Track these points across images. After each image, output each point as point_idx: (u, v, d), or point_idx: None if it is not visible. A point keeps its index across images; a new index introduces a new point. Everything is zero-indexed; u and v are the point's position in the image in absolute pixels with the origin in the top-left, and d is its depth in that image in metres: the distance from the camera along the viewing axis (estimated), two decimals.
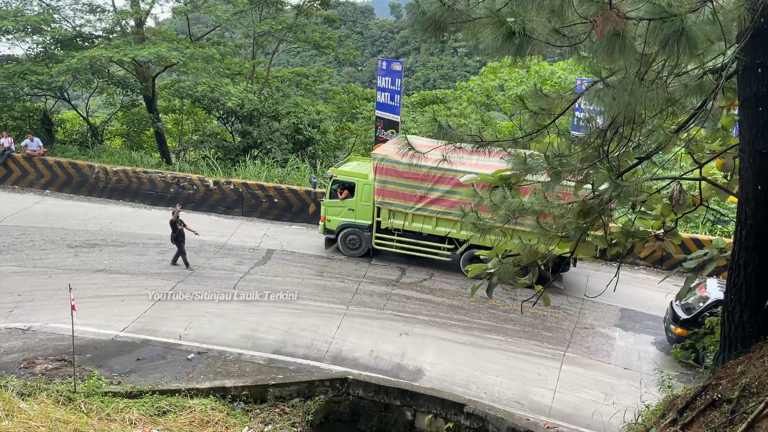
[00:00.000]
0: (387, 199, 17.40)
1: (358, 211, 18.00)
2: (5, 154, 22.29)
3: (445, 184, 16.80)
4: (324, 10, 30.08)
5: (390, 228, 17.72)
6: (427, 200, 17.03)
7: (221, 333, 13.51)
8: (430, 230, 17.41)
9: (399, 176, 17.08)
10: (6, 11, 24.82)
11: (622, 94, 4.86)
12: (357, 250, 18.32)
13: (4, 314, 13.43)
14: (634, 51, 4.48)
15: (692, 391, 6.77)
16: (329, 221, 18.30)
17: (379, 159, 17.23)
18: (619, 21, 4.26)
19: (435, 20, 4.68)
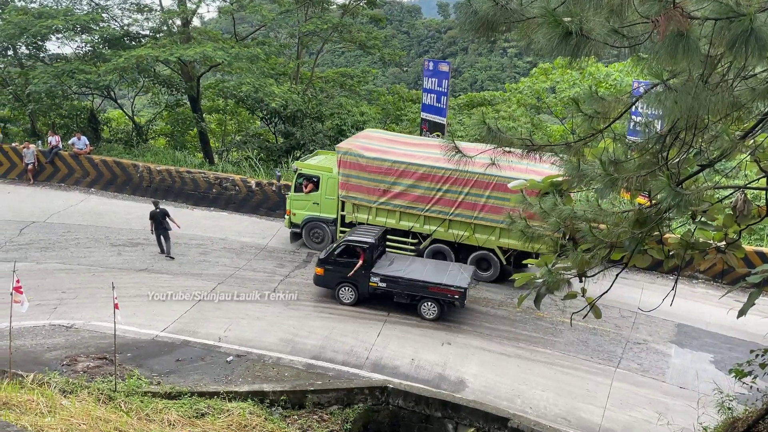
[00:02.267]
0: (351, 192, 17.81)
1: (323, 205, 18.47)
2: (53, 152, 23.19)
3: (407, 178, 17.17)
4: (370, 10, 30.30)
5: (354, 222, 18.03)
6: (390, 194, 17.42)
7: (261, 336, 13.71)
8: (393, 224, 17.76)
9: (362, 170, 17.47)
10: (56, 10, 25.86)
11: (684, 97, 4.75)
12: (322, 243, 18.66)
13: (48, 311, 13.96)
14: (698, 52, 4.37)
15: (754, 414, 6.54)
16: (294, 215, 18.81)
17: (342, 152, 17.66)
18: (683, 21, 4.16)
19: (487, 20, 4.66)
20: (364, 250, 15.42)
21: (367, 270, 15.37)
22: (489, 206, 16.72)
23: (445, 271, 15.66)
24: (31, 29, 24.35)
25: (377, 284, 15.33)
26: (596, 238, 6.73)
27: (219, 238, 19.17)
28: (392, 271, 15.48)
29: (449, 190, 16.94)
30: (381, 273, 15.40)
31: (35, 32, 24.61)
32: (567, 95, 28.96)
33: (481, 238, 17.18)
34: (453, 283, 14.98)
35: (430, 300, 15.10)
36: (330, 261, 15.54)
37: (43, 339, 12.85)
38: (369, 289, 15.45)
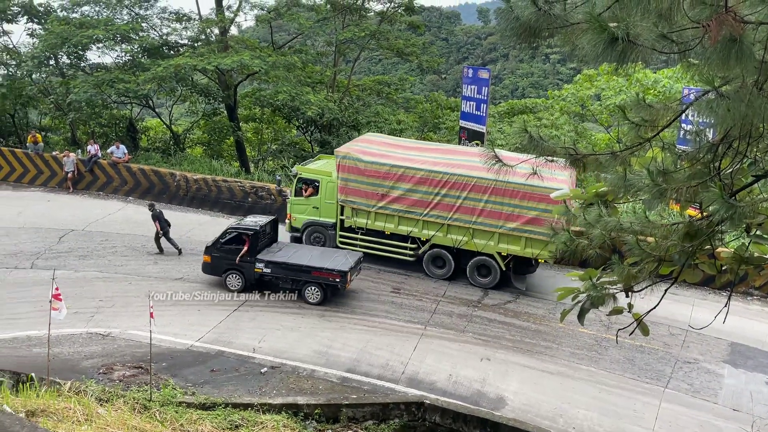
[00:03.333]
0: (350, 197, 18.07)
1: (323, 209, 18.75)
2: (92, 161, 23.89)
3: (405, 182, 17.41)
4: (408, 17, 30.46)
5: (353, 226, 18.28)
6: (388, 198, 17.66)
7: (295, 347, 13.81)
8: (392, 229, 17.99)
9: (361, 174, 17.73)
10: (97, 20, 26.71)
11: (737, 105, 4.64)
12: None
13: (85, 319, 14.33)
14: (752, 58, 4.27)
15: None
16: (295, 219, 19.12)
17: (341, 157, 17.95)
18: (736, 25, 4.08)
19: (529, 26, 4.65)
20: (249, 236, 16.07)
21: (252, 256, 16.00)
22: (487, 211, 16.89)
23: (330, 257, 16.33)
24: (73, 39, 25.21)
25: (262, 270, 16.05)
26: (643, 251, 6.60)
27: None
28: (277, 257, 16.19)
29: (447, 194, 17.14)
30: (265, 259, 16.09)
31: (76, 42, 25.47)
32: (613, 102, 28.57)
33: (480, 243, 17.31)
34: (334, 267, 15.65)
35: (313, 284, 15.79)
36: (217, 248, 16.29)
37: (80, 347, 13.19)
38: (254, 275, 16.12)
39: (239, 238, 16.18)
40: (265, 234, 16.67)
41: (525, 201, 16.49)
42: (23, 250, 17.87)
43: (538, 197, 16.25)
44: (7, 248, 17.95)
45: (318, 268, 15.70)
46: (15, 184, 24.31)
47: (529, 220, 16.55)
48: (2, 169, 24.63)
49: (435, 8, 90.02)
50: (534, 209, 16.41)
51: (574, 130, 29.55)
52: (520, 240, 16.84)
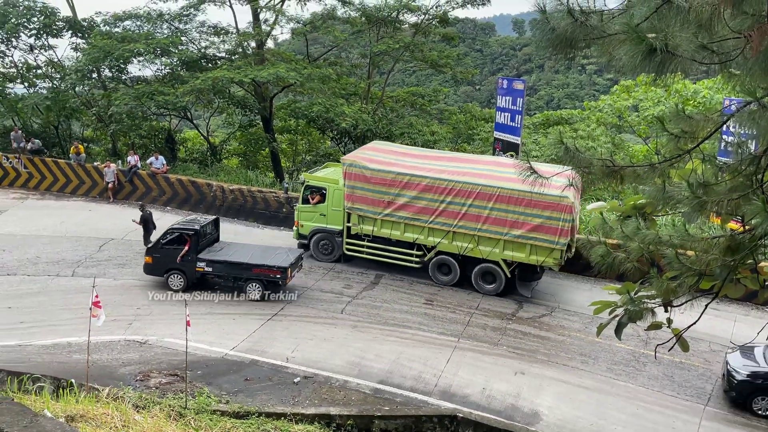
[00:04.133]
0: (356, 204, 18.29)
1: (330, 217, 19.04)
2: (132, 171, 24.45)
3: (411, 189, 17.59)
4: (443, 28, 30.50)
5: (360, 233, 18.47)
6: (394, 206, 17.84)
7: (328, 358, 13.86)
8: (398, 236, 18.16)
9: (367, 182, 17.97)
10: (138, 34, 27.42)
11: None
12: (329, 255, 19.23)
13: (124, 326, 14.62)
14: None
15: None
16: (302, 226, 19.43)
17: (348, 164, 18.24)
18: None
19: (565, 37, 4.63)
20: (190, 236, 16.50)
21: (194, 256, 16.40)
22: (492, 218, 16.99)
23: (272, 255, 16.82)
24: (115, 53, 25.92)
25: (203, 269, 16.51)
26: (683, 265, 6.48)
27: None
28: (218, 256, 16.68)
29: (452, 201, 17.27)
30: (206, 258, 16.53)
31: (118, 56, 26.18)
32: (651, 113, 28.12)
33: (485, 250, 17.39)
34: (275, 264, 16.15)
35: (254, 281, 16.26)
36: (158, 249, 16.71)
37: (118, 354, 13.45)
38: (196, 274, 16.58)
39: (180, 238, 16.61)
40: (206, 234, 17.16)
41: (530, 208, 16.57)
42: (65, 258, 18.34)
43: (543, 204, 16.39)
44: (50, 256, 18.46)
45: (259, 265, 16.23)
46: (58, 193, 25.01)
47: (534, 227, 16.64)
48: (46, 179, 25.38)
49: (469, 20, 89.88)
50: (539, 216, 16.52)
51: (611, 141, 29.15)
52: (525, 247, 16.93)
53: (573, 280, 19.23)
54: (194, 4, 28.21)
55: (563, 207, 16.30)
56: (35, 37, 28.78)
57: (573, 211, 16.45)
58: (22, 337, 13.94)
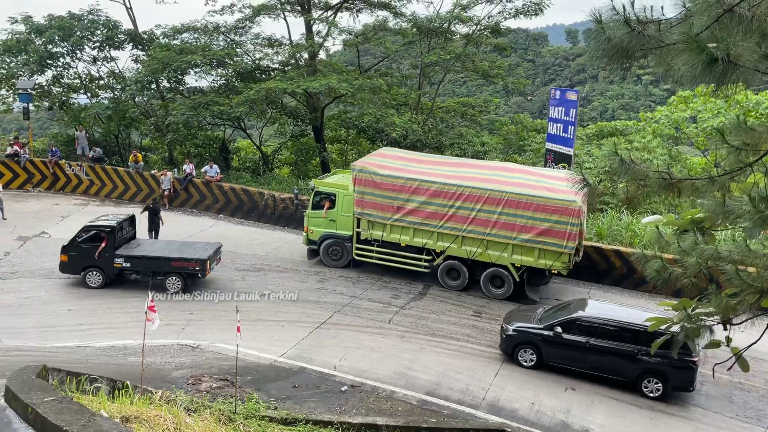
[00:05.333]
0: (366, 210, 18.49)
1: (339, 222, 19.27)
2: (187, 180, 25.13)
3: (420, 195, 17.80)
4: (494, 39, 30.40)
5: (369, 239, 18.66)
6: (403, 211, 18.06)
7: (375, 367, 13.88)
8: (407, 241, 18.36)
9: (376, 187, 18.20)
10: (195, 46, 28.25)
11: None
12: (339, 260, 19.38)
13: (177, 330, 14.99)
14: None
15: None
16: (312, 232, 19.69)
17: (357, 170, 18.48)
18: None
19: (621, 47, 4.56)
20: (107, 233, 16.87)
21: (111, 253, 16.73)
22: (501, 223, 17.16)
23: (190, 248, 17.43)
24: (173, 64, 26.79)
25: (122, 264, 16.92)
26: (744, 281, 6.26)
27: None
28: (136, 252, 17.10)
29: (461, 206, 17.46)
30: (124, 254, 16.95)
31: (176, 67, 27.05)
32: (710, 125, 27.26)
33: (494, 255, 17.56)
34: (193, 256, 16.76)
35: (174, 274, 16.77)
36: (74, 247, 16.89)
37: (171, 357, 13.79)
38: (114, 271, 16.97)
39: (97, 235, 16.96)
40: (122, 231, 17.48)
41: (538, 213, 16.75)
42: None
43: (551, 209, 16.55)
44: None
45: (178, 258, 16.77)
46: (117, 200, 25.91)
47: (543, 231, 16.79)
48: (106, 186, 26.33)
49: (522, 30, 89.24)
50: (547, 221, 16.70)
51: (667, 153, 28.38)
52: (534, 251, 17.12)
53: (627, 295, 18.78)
54: (249, 17, 28.92)
55: (571, 211, 16.50)
56: (98, 49, 30.02)
57: (581, 215, 16.63)
58: (81, 338, 14.45)
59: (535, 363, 14.13)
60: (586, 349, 13.62)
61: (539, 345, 14.08)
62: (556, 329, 13.91)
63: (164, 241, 18.69)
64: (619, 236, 20.71)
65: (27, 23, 28.95)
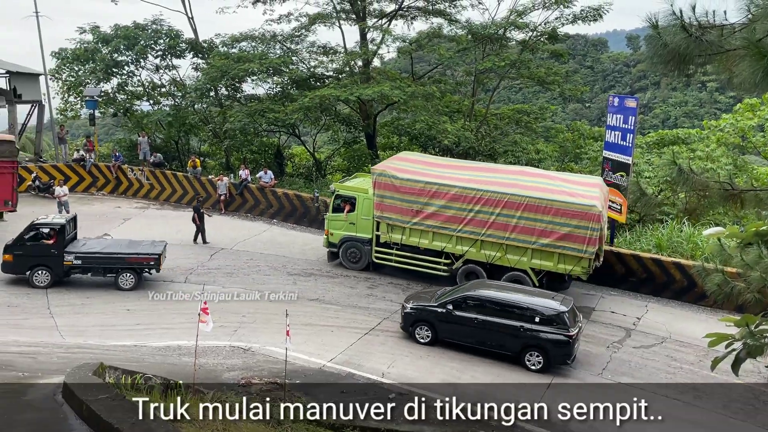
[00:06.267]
0: (385, 213, 18.72)
1: (359, 225, 19.45)
2: (243, 185, 25.67)
3: (440, 198, 17.99)
4: (551, 45, 29.92)
5: (389, 242, 18.87)
6: (423, 215, 18.23)
7: (423, 375, 13.81)
8: (426, 245, 18.50)
9: (396, 191, 18.41)
10: (253, 55, 28.86)
11: None
12: (358, 263, 19.44)
13: (229, 333, 15.29)
14: None
15: None
16: (332, 235, 19.91)
17: (377, 174, 18.75)
18: None
19: (678, 53, 4.42)
20: (57, 231, 16.96)
21: (60, 250, 16.76)
22: (520, 227, 17.32)
23: (139, 245, 17.89)
24: (231, 72, 27.45)
25: (72, 262, 17.00)
26: None
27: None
28: (88, 249, 17.33)
29: (481, 210, 17.61)
30: (75, 251, 17.09)
31: (234, 75, 27.71)
32: None
33: (513, 259, 17.68)
34: (148, 252, 17.26)
35: (127, 270, 17.12)
36: (19, 246, 16.93)
37: (223, 359, 14.07)
38: (64, 269, 17.03)
39: (44, 234, 17.12)
40: (69, 230, 17.63)
41: (558, 217, 16.88)
42: (179, 266, 19.46)
43: (570, 213, 16.58)
44: (166, 263, 19.56)
45: (133, 254, 17.21)
46: (175, 204, 26.67)
47: (562, 236, 16.92)
48: (165, 190, 27.15)
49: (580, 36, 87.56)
50: (567, 225, 16.81)
51: (732, 163, 27.31)
52: (553, 256, 17.23)
53: (686, 310, 18.17)
54: (305, 25, 29.35)
55: (591, 216, 16.60)
56: (161, 57, 30.99)
57: (601, 220, 16.60)
58: (138, 338, 14.90)
59: (430, 339, 15.10)
60: (475, 325, 14.62)
61: (434, 322, 15.03)
62: (448, 306, 14.90)
63: (108, 240, 19.11)
64: (680, 248, 20.06)
65: (95, 33, 30.17)
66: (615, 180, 20.36)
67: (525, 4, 28.56)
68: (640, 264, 19.38)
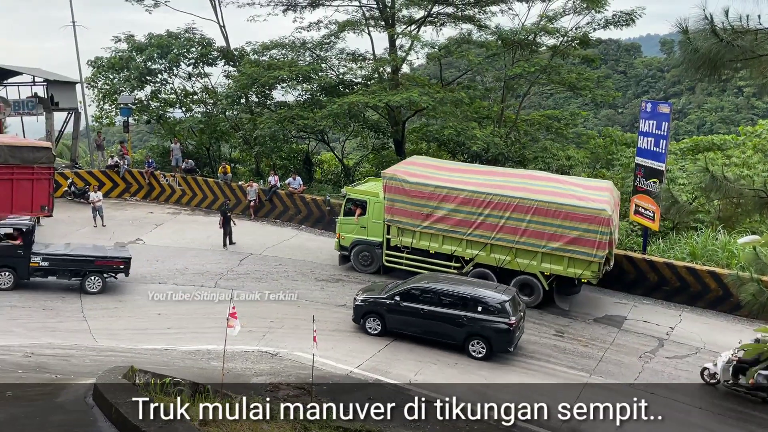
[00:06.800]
0: (395, 216, 18.93)
1: (370, 229, 19.69)
2: (272, 191, 25.91)
3: (449, 202, 18.14)
4: (583, 50, 29.62)
5: (399, 245, 19.05)
6: (433, 218, 18.40)
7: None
8: (436, 248, 18.62)
9: (406, 195, 18.63)
10: (283, 62, 29.17)
11: None
12: (369, 266, 19.62)
13: (257, 337, 15.41)
14: None
15: None
16: (343, 238, 20.19)
17: (388, 178, 19.00)
18: None
19: (709, 58, 4.34)
20: (23, 232, 16.77)
21: (26, 252, 16.62)
22: (530, 231, 17.39)
23: (103, 249, 17.77)
24: (261, 79, 27.80)
25: (39, 264, 16.79)
26: None
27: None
28: (56, 251, 17.15)
29: (490, 214, 17.76)
30: (43, 252, 16.91)
31: (264, 82, 28.06)
32: None
33: (523, 263, 17.76)
34: (117, 255, 17.18)
35: (95, 273, 17.01)
36: None
37: (251, 364, 14.18)
38: (30, 270, 16.83)
39: (10, 234, 16.94)
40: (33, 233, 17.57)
41: (567, 221, 16.95)
42: (209, 270, 19.71)
43: (580, 217, 16.62)
44: (197, 268, 19.93)
45: (102, 257, 17.08)
46: (206, 210, 27.04)
47: (572, 240, 16.96)
48: (197, 196, 27.54)
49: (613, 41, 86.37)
50: (576, 229, 16.88)
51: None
52: (563, 260, 17.27)
53: (722, 319, 17.78)
54: (335, 33, 29.56)
55: (601, 220, 16.63)
56: (193, 65, 31.51)
57: (611, 224, 16.70)
58: (168, 341, 15.11)
59: (380, 331, 15.54)
60: (422, 315, 15.16)
61: (383, 313, 15.52)
62: (395, 298, 15.42)
63: (77, 243, 18.92)
64: (715, 256, 19.64)
65: (129, 42, 30.83)
66: (648, 187, 20.05)
67: (555, 10, 28.38)
68: (673, 272, 19.02)
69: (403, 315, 15.40)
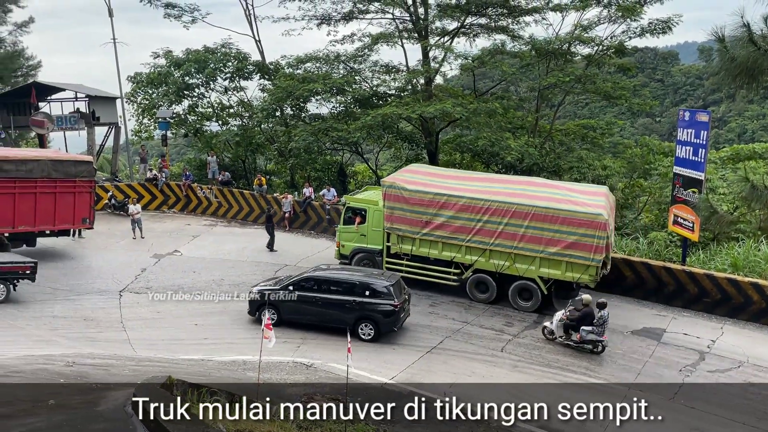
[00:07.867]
0: (395, 224, 19.08)
1: (370, 237, 19.88)
2: (306, 203, 26.14)
3: (448, 209, 18.31)
4: (618, 59, 29.26)
5: (399, 253, 19.20)
6: (432, 225, 18.57)
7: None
8: (436, 255, 18.80)
9: (405, 202, 18.79)
10: (317, 75, 29.51)
11: None
12: None
13: (293, 348, 15.51)
14: None
15: None
16: (343, 246, 20.38)
17: (387, 186, 19.16)
18: None
19: (747, 66, 4.27)
20: None
21: None
22: (528, 236, 17.62)
23: (11, 257, 17.62)
24: (296, 92, 28.16)
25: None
26: None
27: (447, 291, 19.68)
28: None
29: (489, 220, 17.95)
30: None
31: (298, 95, 28.42)
32: None
33: (522, 268, 17.93)
34: (24, 260, 17.02)
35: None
36: None
37: (286, 374, 14.27)
38: None
39: None
40: None
41: (565, 226, 17.18)
42: (245, 281, 19.93)
43: (577, 222, 17.05)
44: (233, 279, 20.18)
45: (8, 263, 16.99)
46: (242, 221, 27.42)
47: (570, 244, 17.18)
48: (233, 208, 27.95)
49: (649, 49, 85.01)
50: (574, 234, 17.11)
51: None
52: (561, 264, 17.47)
53: (765, 333, 17.28)
54: (368, 45, 29.78)
55: (598, 224, 16.89)
56: (229, 79, 32.11)
57: (607, 229, 17.04)
58: (205, 352, 15.31)
59: (276, 321, 15.70)
60: (315, 303, 16.00)
61: (277, 304, 16.14)
62: (289, 288, 16.15)
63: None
64: (758, 268, 19.11)
65: (167, 57, 31.57)
66: (686, 197, 19.65)
67: (590, 19, 28.15)
68: (714, 284, 18.56)
69: (297, 304, 16.15)
